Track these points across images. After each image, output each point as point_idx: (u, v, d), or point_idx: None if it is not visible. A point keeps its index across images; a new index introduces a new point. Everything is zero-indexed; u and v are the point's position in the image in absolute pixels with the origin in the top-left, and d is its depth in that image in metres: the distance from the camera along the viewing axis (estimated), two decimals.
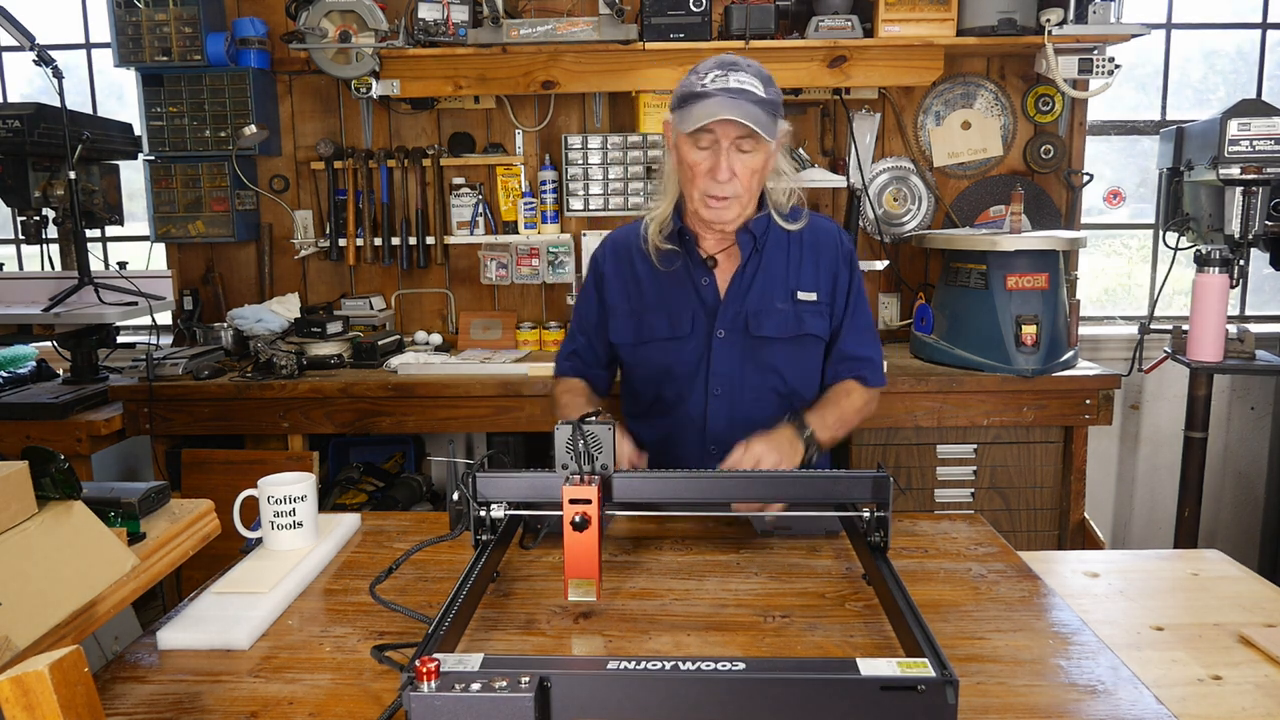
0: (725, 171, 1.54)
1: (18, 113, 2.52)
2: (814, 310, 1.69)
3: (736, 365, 1.68)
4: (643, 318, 1.72)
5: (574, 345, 1.84)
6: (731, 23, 2.82)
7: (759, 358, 1.68)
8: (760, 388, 1.69)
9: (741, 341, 1.67)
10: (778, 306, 1.67)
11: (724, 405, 1.68)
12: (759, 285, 1.68)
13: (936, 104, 3.19)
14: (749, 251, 1.68)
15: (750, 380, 1.68)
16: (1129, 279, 3.63)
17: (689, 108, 1.53)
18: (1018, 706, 0.97)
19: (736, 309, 1.67)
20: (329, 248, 3.19)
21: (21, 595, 1.00)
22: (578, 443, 1.24)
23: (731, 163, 1.54)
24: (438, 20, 2.81)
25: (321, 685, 1.03)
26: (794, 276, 1.69)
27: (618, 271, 1.76)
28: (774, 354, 1.68)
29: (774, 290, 1.68)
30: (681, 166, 1.62)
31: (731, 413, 1.68)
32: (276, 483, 1.37)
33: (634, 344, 1.74)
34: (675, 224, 1.68)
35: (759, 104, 1.52)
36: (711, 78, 1.53)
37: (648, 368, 1.74)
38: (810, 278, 1.70)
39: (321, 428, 2.72)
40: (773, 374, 1.69)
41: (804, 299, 1.69)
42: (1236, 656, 1.45)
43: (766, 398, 1.69)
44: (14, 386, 2.73)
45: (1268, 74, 3.36)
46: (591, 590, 1.16)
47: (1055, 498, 2.77)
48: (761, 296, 1.67)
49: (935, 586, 1.28)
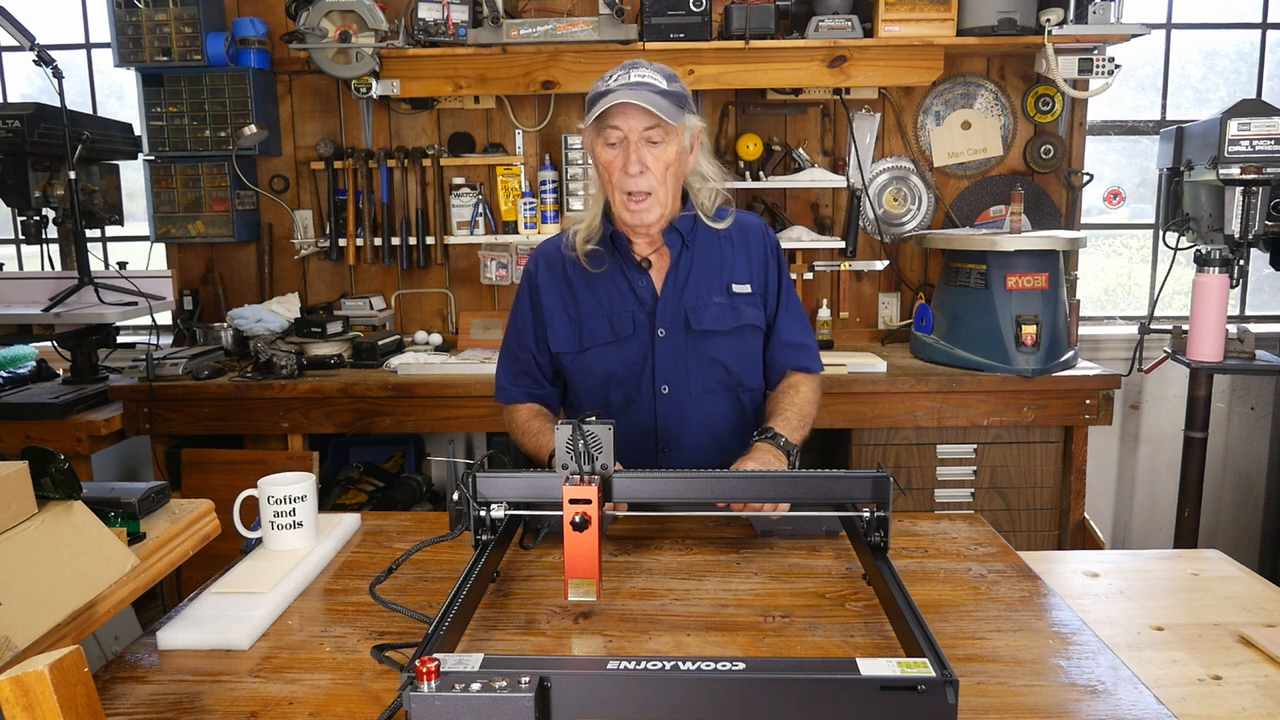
0: (635, 164, 1.56)
1: (18, 113, 2.52)
2: (749, 301, 1.72)
3: (681, 361, 1.70)
4: (582, 324, 1.72)
5: (520, 365, 1.79)
6: (731, 23, 2.82)
7: (701, 352, 1.70)
8: (706, 381, 1.71)
9: (683, 337, 1.69)
10: (714, 300, 1.70)
11: (673, 402, 1.70)
12: (694, 281, 1.70)
13: (936, 104, 3.19)
14: (679, 249, 1.70)
15: (695, 374, 1.70)
16: (1129, 279, 3.63)
17: (595, 107, 1.56)
18: (1018, 706, 0.97)
19: (675, 306, 1.69)
20: (329, 248, 3.19)
21: (21, 595, 1.00)
22: (578, 443, 1.24)
23: (642, 155, 1.56)
24: (438, 20, 2.81)
25: (321, 685, 1.03)
26: (727, 270, 1.72)
27: (551, 281, 1.75)
28: (716, 347, 1.70)
29: (709, 285, 1.71)
30: (598, 169, 1.65)
31: (681, 409, 1.70)
32: (276, 483, 1.37)
33: (576, 351, 1.73)
34: (607, 229, 1.70)
35: (661, 94, 1.55)
36: (615, 77, 1.57)
37: (592, 375, 1.73)
38: (743, 270, 1.73)
39: (321, 428, 2.72)
40: (716, 367, 1.71)
41: (739, 291, 1.72)
42: (1236, 656, 1.45)
43: (713, 391, 1.72)
44: (14, 386, 2.73)
45: (1268, 74, 3.36)
46: (591, 590, 1.16)
47: (1055, 498, 2.77)
48: (698, 292, 1.69)
49: (935, 586, 1.28)
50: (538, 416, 1.75)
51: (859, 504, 1.31)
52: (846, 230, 3.07)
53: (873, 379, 2.66)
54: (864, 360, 2.76)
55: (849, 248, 3.07)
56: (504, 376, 1.81)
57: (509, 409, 1.81)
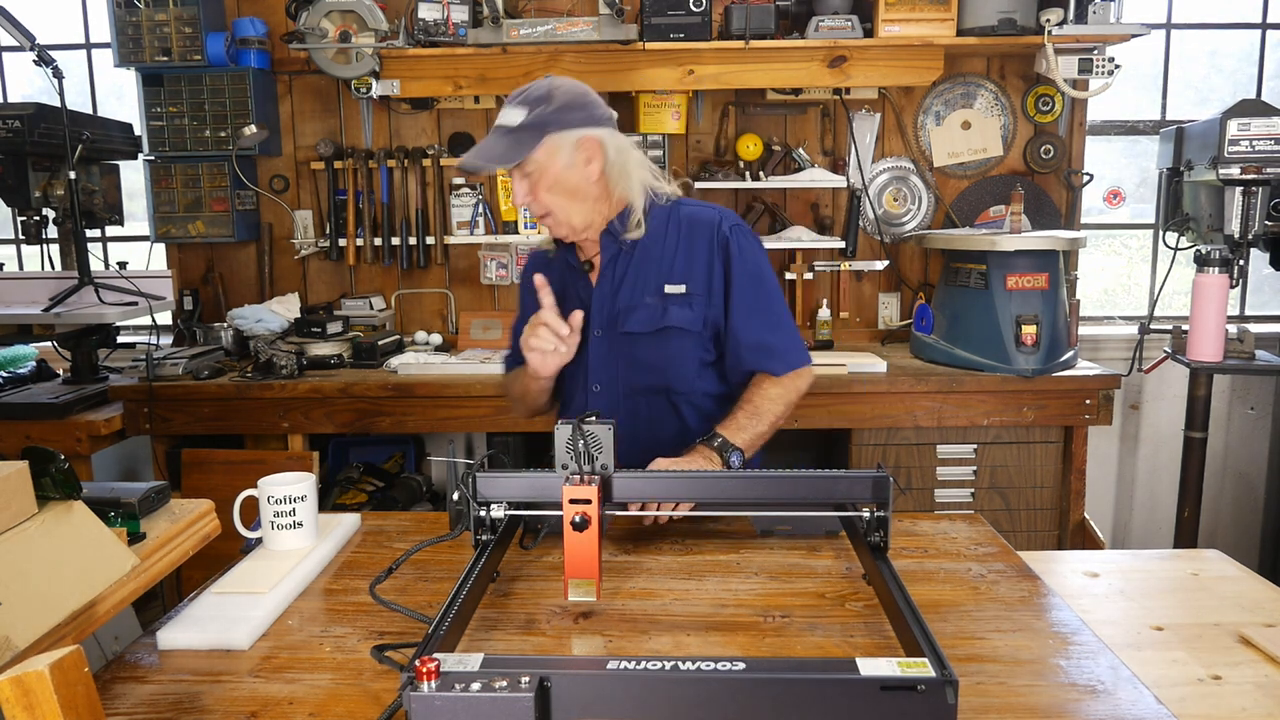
0: (519, 196, 1.64)
1: (18, 113, 2.52)
2: (681, 302, 1.70)
3: (609, 362, 1.72)
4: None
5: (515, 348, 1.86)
6: (731, 23, 2.82)
7: (629, 354, 1.71)
8: (633, 382, 1.73)
9: (611, 339, 1.72)
10: (646, 301, 1.71)
11: (603, 402, 1.73)
12: (629, 283, 1.71)
13: (936, 104, 3.19)
14: (612, 253, 1.72)
15: (623, 375, 1.72)
16: (1129, 279, 3.63)
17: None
18: (1018, 706, 0.97)
19: (609, 308, 1.71)
20: (329, 248, 3.19)
21: (21, 595, 1.00)
22: (578, 443, 1.24)
23: (519, 189, 1.64)
24: (438, 20, 2.81)
25: (321, 685, 1.03)
26: (665, 271, 1.72)
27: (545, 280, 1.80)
28: (642, 349, 1.71)
29: (645, 286, 1.71)
30: None
31: (612, 409, 1.72)
32: (276, 483, 1.37)
33: None
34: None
35: (509, 134, 1.60)
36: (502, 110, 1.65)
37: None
38: (682, 270, 1.71)
39: (321, 428, 2.72)
40: (644, 369, 1.72)
41: (671, 292, 1.71)
42: (1236, 656, 1.45)
43: (641, 392, 1.73)
44: (14, 386, 2.73)
45: (1268, 74, 3.36)
46: (591, 590, 1.16)
47: (1055, 498, 2.77)
48: (631, 294, 1.71)
49: (935, 586, 1.28)
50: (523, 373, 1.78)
51: (859, 504, 1.31)
52: (846, 230, 3.07)
53: (872, 379, 2.66)
54: (864, 360, 2.76)
55: (849, 248, 3.07)
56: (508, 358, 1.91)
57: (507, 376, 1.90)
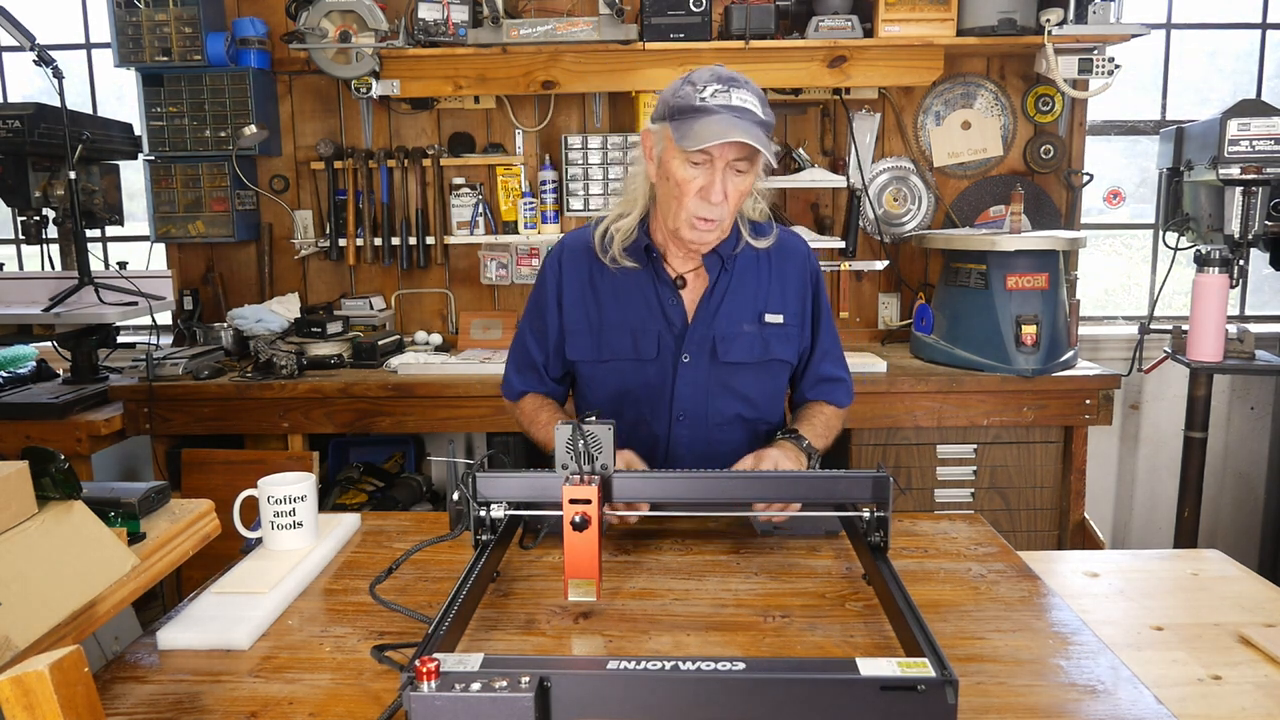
0: (719, 193, 1.46)
1: (18, 113, 2.52)
2: (781, 334, 1.64)
3: (702, 391, 1.62)
4: (602, 335, 1.64)
5: (529, 360, 1.72)
6: (731, 23, 2.82)
7: (725, 383, 1.62)
8: (725, 413, 1.64)
9: (707, 366, 1.61)
10: (745, 329, 1.61)
11: (687, 430, 1.64)
12: (727, 307, 1.61)
13: (936, 104, 3.19)
14: (717, 273, 1.61)
15: (715, 405, 1.63)
16: (1129, 279, 3.63)
17: (689, 123, 1.43)
18: (1018, 706, 0.97)
19: (704, 333, 1.61)
20: (329, 248, 3.19)
21: (21, 595, 1.00)
22: (578, 443, 1.24)
23: (725, 184, 1.46)
24: (438, 20, 2.81)
25: (321, 685, 1.03)
26: (762, 298, 1.63)
27: (577, 283, 1.66)
28: (740, 379, 1.63)
29: (742, 312, 1.62)
30: (667, 183, 1.51)
31: (693, 437, 1.64)
32: (276, 483, 1.37)
33: (593, 362, 1.66)
34: (641, 239, 1.61)
35: (759, 125, 1.45)
36: (711, 92, 1.44)
37: (606, 387, 1.66)
38: (778, 299, 1.65)
39: (321, 428, 2.72)
40: (739, 399, 1.64)
41: (771, 321, 1.63)
42: (1236, 656, 1.45)
43: (732, 423, 1.65)
44: (14, 386, 2.72)
45: (1268, 74, 3.36)
46: (591, 590, 1.16)
47: (1055, 498, 2.77)
48: (729, 320, 1.61)
49: (935, 586, 1.28)
50: (544, 407, 1.70)
51: (859, 504, 1.31)
52: (846, 230, 3.07)
53: (873, 379, 2.66)
54: (864, 360, 2.76)
55: (849, 248, 3.07)
56: (512, 369, 1.76)
57: (516, 404, 1.77)
